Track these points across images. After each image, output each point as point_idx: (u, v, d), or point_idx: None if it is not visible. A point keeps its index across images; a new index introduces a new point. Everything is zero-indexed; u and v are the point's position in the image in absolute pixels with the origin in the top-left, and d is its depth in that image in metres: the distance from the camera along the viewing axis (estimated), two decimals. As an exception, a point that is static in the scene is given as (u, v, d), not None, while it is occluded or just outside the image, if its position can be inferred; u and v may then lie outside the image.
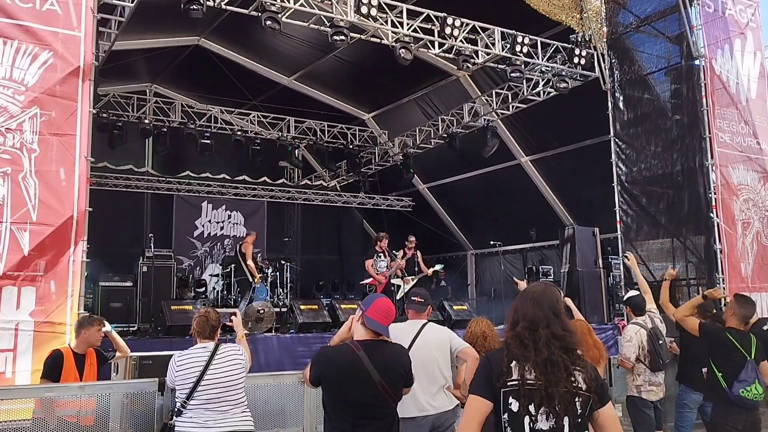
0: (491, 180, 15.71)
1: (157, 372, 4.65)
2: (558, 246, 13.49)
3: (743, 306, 5.20)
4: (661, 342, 5.75)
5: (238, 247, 12.31)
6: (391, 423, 3.52)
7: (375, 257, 10.86)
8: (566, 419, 2.44)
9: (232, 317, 4.89)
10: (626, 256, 8.16)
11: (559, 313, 2.60)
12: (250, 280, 11.54)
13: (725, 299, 8.18)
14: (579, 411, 2.47)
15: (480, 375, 2.59)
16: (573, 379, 2.48)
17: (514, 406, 2.46)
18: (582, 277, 11.99)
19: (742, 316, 5.15)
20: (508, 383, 2.48)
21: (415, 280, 11.05)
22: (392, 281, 10.95)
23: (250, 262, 11.56)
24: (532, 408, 2.44)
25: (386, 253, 10.90)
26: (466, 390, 4.71)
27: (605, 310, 12.09)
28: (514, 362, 2.50)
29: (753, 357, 4.97)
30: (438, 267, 11.81)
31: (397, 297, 10.68)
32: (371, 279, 10.84)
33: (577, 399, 2.47)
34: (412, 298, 4.89)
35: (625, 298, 6.64)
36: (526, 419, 2.45)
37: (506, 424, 2.48)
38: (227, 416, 4.03)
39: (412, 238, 11.66)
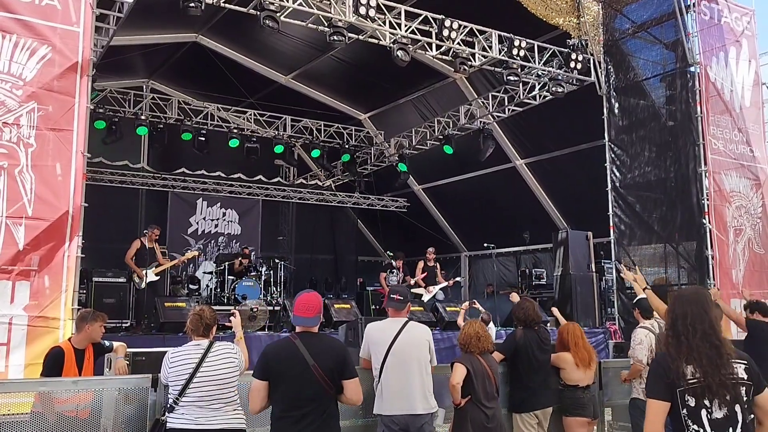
0: (486, 182, 15.76)
1: (151, 368, 4.65)
2: (551, 249, 13.54)
3: None
4: None
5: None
6: (326, 406, 3.82)
7: (389, 272, 12.09)
8: (737, 407, 2.75)
9: (231, 318, 4.87)
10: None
11: (710, 310, 2.89)
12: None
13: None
14: (746, 399, 2.78)
15: (656, 378, 2.87)
16: (735, 371, 2.79)
17: (691, 401, 2.76)
18: (575, 280, 12.03)
19: None
20: (683, 383, 2.78)
21: (436, 290, 12.02)
22: (413, 290, 11.82)
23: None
24: (707, 401, 2.75)
25: (401, 271, 12.09)
26: (457, 392, 4.75)
27: (597, 314, 12.16)
28: (685, 363, 2.79)
29: None
30: (459, 278, 13.51)
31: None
32: (381, 287, 12.12)
33: (742, 388, 2.79)
34: (392, 296, 4.79)
35: (635, 301, 6.59)
36: (703, 412, 2.75)
37: (686, 418, 2.78)
38: (219, 414, 4.02)
39: (431, 249, 12.54)
